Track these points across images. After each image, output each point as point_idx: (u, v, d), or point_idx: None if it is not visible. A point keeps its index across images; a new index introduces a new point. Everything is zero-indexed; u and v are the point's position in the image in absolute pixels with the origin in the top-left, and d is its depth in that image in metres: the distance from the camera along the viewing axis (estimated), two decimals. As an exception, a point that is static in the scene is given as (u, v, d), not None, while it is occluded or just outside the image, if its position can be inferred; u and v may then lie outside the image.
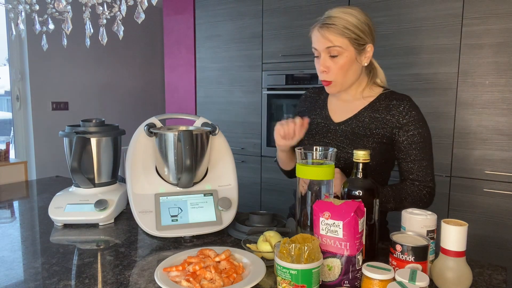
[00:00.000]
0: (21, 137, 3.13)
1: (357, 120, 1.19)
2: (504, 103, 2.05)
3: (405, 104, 1.15)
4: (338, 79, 1.16)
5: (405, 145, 1.14)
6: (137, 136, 1.20)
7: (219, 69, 3.14)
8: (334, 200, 0.81)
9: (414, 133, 1.13)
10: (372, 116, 1.18)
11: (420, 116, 1.15)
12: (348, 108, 1.23)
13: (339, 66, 1.14)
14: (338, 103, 1.27)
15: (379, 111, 1.18)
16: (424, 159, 1.14)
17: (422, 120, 1.15)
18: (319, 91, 1.36)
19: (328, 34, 1.11)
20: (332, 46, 1.12)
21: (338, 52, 1.12)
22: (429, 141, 1.16)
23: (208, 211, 1.13)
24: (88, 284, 0.83)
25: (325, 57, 1.14)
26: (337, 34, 1.11)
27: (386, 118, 1.16)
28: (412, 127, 1.13)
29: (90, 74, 3.49)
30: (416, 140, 1.13)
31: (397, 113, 1.15)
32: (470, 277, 0.78)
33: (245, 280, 0.81)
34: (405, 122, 1.14)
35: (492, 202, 2.10)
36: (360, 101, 1.22)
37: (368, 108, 1.20)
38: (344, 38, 1.11)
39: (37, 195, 1.59)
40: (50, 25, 1.21)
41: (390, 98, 1.19)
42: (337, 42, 1.11)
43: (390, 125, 1.15)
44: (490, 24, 2.04)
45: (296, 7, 2.69)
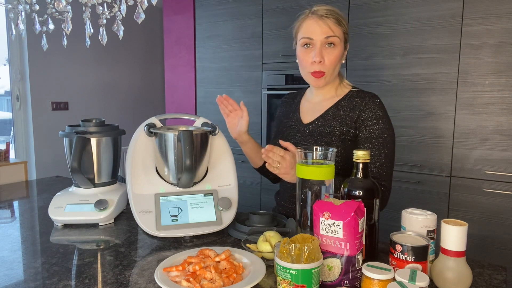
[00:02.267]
0: (21, 137, 3.13)
1: (323, 119, 1.22)
2: (504, 103, 2.05)
3: (367, 100, 1.17)
4: (329, 70, 1.18)
5: (363, 138, 1.15)
6: (137, 136, 1.20)
7: (219, 69, 3.14)
8: (334, 200, 0.81)
9: (374, 127, 1.14)
10: (337, 115, 1.21)
11: (382, 113, 1.16)
12: (316, 109, 1.27)
13: (334, 57, 1.16)
14: (309, 106, 1.31)
15: (343, 109, 1.21)
16: (381, 154, 1.13)
17: (384, 118, 1.16)
18: (294, 96, 1.40)
19: (330, 23, 1.14)
20: (332, 35, 1.14)
21: (336, 42, 1.15)
22: (390, 140, 1.14)
23: (208, 211, 1.13)
24: (88, 284, 0.83)
25: (321, 47, 1.15)
26: (336, 24, 1.15)
27: (349, 115, 1.19)
28: (372, 122, 1.15)
29: (90, 74, 3.49)
30: (375, 135, 1.14)
31: (359, 109, 1.17)
32: (470, 277, 0.78)
33: (245, 280, 0.81)
34: (366, 117, 1.16)
35: (492, 202, 2.10)
36: (327, 101, 1.25)
37: (334, 107, 1.23)
38: (341, 30, 1.16)
39: (37, 195, 1.59)
40: (50, 25, 1.20)
41: (355, 96, 1.22)
42: (337, 32, 1.15)
43: (352, 121, 1.18)
44: (490, 24, 2.04)
45: (296, 7, 2.69)
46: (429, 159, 2.27)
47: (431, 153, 2.27)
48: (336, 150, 0.93)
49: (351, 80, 2.48)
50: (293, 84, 2.73)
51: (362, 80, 2.45)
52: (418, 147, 2.30)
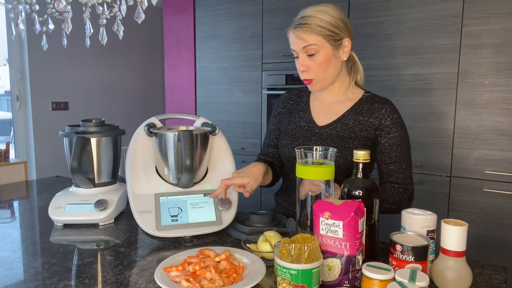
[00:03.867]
0: (21, 137, 3.12)
1: (341, 123, 1.21)
2: (504, 103, 2.05)
3: (387, 107, 1.18)
4: (318, 76, 1.17)
5: (386, 146, 1.16)
6: (137, 136, 1.20)
7: (219, 69, 3.14)
8: (334, 200, 0.81)
9: (395, 135, 1.16)
10: (356, 119, 1.19)
11: (401, 119, 1.19)
12: (331, 111, 1.24)
13: (318, 64, 1.15)
14: (321, 106, 1.27)
15: (362, 114, 1.20)
16: (404, 162, 1.16)
17: (402, 124, 1.19)
18: (299, 93, 1.36)
19: (303, 33, 1.13)
20: (308, 45, 1.13)
21: (314, 50, 1.13)
22: (408, 145, 1.18)
23: (208, 211, 1.13)
24: (88, 284, 0.83)
25: (303, 57, 1.15)
26: (311, 33, 1.12)
27: (369, 120, 1.18)
28: (394, 129, 1.16)
29: (90, 74, 3.49)
30: (397, 142, 1.16)
31: (380, 115, 1.17)
32: (470, 277, 0.78)
33: (245, 280, 0.81)
34: (387, 124, 1.16)
35: (492, 202, 2.10)
36: (342, 104, 1.23)
37: (352, 111, 1.21)
38: (319, 36, 1.13)
39: (37, 195, 1.59)
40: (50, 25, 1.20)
41: (372, 101, 1.21)
42: (312, 40, 1.13)
43: (373, 127, 1.18)
44: (490, 24, 2.04)
45: (296, 7, 2.69)
46: (429, 159, 2.27)
47: (431, 153, 2.27)
48: (336, 150, 0.93)
49: (351, 80, 2.48)
50: (293, 84, 2.73)
51: (362, 80, 2.44)
52: (418, 147, 2.30)
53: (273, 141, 1.38)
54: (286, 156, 1.27)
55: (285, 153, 1.27)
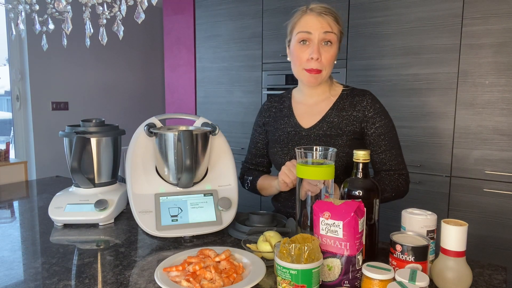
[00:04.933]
0: (21, 137, 3.12)
1: (326, 121, 1.21)
2: (504, 103, 2.05)
3: (367, 98, 1.20)
4: (326, 69, 1.17)
5: (374, 137, 1.18)
6: (137, 136, 1.20)
7: (219, 69, 3.14)
8: (334, 200, 0.81)
9: (381, 124, 1.18)
10: (340, 115, 1.20)
11: (383, 108, 1.20)
12: (315, 112, 1.24)
13: (331, 56, 1.15)
14: (304, 109, 1.27)
15: (345, 109, 1.21)
16: (393, 148, 1.19)
17: (385, 112, 1.21)
18: (280, 99, 1.35)
19: (329, 19, 1.13)
20: (330, 31, 1.13)
21: (333, 40, 1.14)
22: (394, 131, 1.21)
23: (208, 211, 1.13)
24: (88, 284, 0.83)
25: (319, 44, 1.14)
26: (334, 21, 1.15)
27: (353, 114, 1.20)
28: (378, 119, 1.18)
29: (90, 74, 3.49)
30: (384, 131, 1.18)
31: (362, 107, 1.19)
32: (470, 277, 0.78)
33: (245, 280, 0.81)
34: (371, 115, 1.18)
35: (492, 202, 2.10)
36: (324, 102, 1.24)
37: (334, 108, 1.22)
38: (338, 29, 1.16)
39: (37, 195, 1.59)
40: (50, 25, 1.20)
41: (352, 94, 1.22)
42: (335, 29, 1.14)
43: (357, 120, 1.19)
44: (490, 24, 2.04)
45: (296, 7, 2.68)
46: (429, 159, 2.27)
47: (431, 153, 2.27)
48: (336, 150, 0.93)
49: (351, 80, 2.48)
50: (293, 84, 2.72)
51: (362, 80, 2.45)
52: (418, 147, 2.30)
53: (261, 150, 1.39)
54: (278, 163, 1.28)
55: (277, 160, 1.28)
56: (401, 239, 0.80)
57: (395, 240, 0.79)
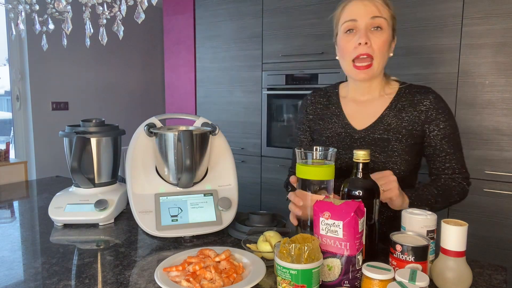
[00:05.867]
0: (21, 137, 3.12)
1: (383, 123, 1.10)
2: (504, 103, 2.05)
3: (430, 96, 1.08)
4: (378, 57, 1.04)
5: (437, 140, 1.08)
6: (137, 136, 1.20)
7: (219, 69, 3.14)
8: (334, 200, 0.81)
9: (445, 125, 1.07)
10: (399, 116, 1.09)
11: (447, 107, 1.09)
12: (369, 111, 1.12)
13: (382, 41, 1.03)
14: (355, 107, 1.15)
15: (404, 109, 1.09)
16: (458, 151, 1.09)
17: (449, 111, 1.09)
18: (325, 94, 1.22)
19: (377, 3, 1.03)
20: (379, 16, 1.02)
21: (382, 25, 1.03)
22: (457, 132, 1.10)
23: (208, 211, 1.13)
24: (88, 284, 0.83)
25: (366, 30, 1.03)
26: (384, 4, 1.04)
27: (413, 114, 1.09)
28: (443, 120, 1.07)
29: (90, 74, 3.49)
30: (448, 133, 1.07)
31: (425, 107, 1.08)
32: (470, 277, 0.78)
33: (245, 280, 0.81)
34: (435, 117, 1.07)
35: (492, 202, 2.10)
36: (378, 101, 1.12)
37: (392, 108, 1.10)
38: (389, 13, 1.04)
39: (37, 195, 1.59)
40: (50, 25, 1.21)
41: (412, 92, 1.11)
42: (384, 13, 1.03)
43: (419, 122, 1.08)
44: (490, 24, 2.04)
45: (296, 7, 2.69)
46: (429, 159, 2.27)
47: (431, 153, 2.26)
48: (336, 150, 0.92)
49: (351, 80, 2.47)
50: (293, 84, 2.73)
51: (362, 80, 2.44)
52: (418, 147, 2.30)
53: None
54: None
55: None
56: (401, 239, 0.80)
57: (395, 240, 0.79)
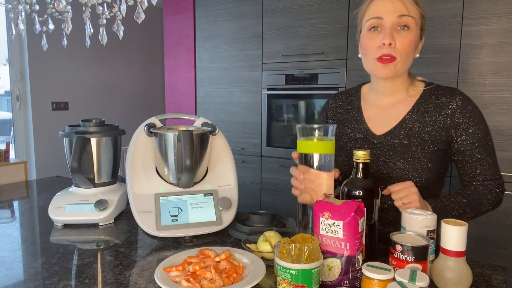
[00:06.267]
0: (21, 137, 3.13)
1: (404, 128, 1.03)
2: (504, 103, 2.05)
3: (457, 99, 1.01)
4: (402, 57, 0.98)
5: (466, 145, 1.00)
6: (137, 136, 1.20)
7: (219, 69, 3.14)
8: (334, 200, 0.81)
9: (474, 129, 0.99)
10: (421, 121, 1.02)
11: (476, 109, 1.01)
12: (389, 115, 1.06)
13: (408, 41, 0.97)
14: (375, 111, 1.09)
15: (428, 113, 1.02)
16: (489, 155, 1.01)
17: (479, 113, 1.01)
18: (347, 98, 1.17)
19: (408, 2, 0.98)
20: (406, 14, 0.97)
21: (410, 24, 0.97)
22: (489, 136, 1.02)
23: (208, 211, 1.13)
24: (88, 284, 0.83)
25: (392, 29, 0.97)
26: (413, 2, 0.98)
27: (438, 119, 1.01)
28: (471, 124, 0.99)
29: (90, 74, 3.49)
30: (478, 137, 0.99)
31: (450, 111, 1.00)
32: (470, 277, 0.78)
33: (245, 280, 0.81)
34: (462, 121, 0.99)
35: (492, 202, 2.10)
36: (401, 105, 1.06)
37: (414, 112, 1.04)
38: (418, 11, 0.99)
39: (37, 195, 1.59)
40: (50, 25, 1.21)
41: (437, 95, 1.04)
42: (412, 11, 0.98)
43: (443, 127, 1.01)
44: (490, 24, 2.04)
45: (296, 7, 2.69)
46: (429, 159, 2.27)
47: (431, 153, 2.26)
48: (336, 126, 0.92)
49: (351, 80, 2.48)
50: (293, 84, 2.73)
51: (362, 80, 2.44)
52: (418, 147, 2.29)
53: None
54: (343, 173, 1.09)
55: (342, 170, 1.09)
56: (401, 239, 0.80)
57: (395, 240, 0.79)
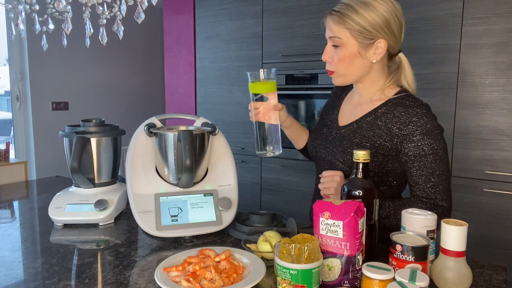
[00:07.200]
0: (21, 137, 3.12)
1: (357, 126, 1.10)
2: (504, 103, 2.05)
3: (411, 112, 1.02)
4: (339, 70, 1.07)
5: (410, 156, 1.01)
6: (137, 136, 1.20)
7: (219, 69, 3.14)
8: (334, 200, 0.81)
9: (421, 143, 1.00)
10: (373, 123, 1.07)
11: (431, 125, 1.00)
12: (354, 112, 1.14)
13: (339, 58, 1.04)
14: (348, 106, 1.19)
15: (381, 118, 1.06)
16: (434, 174, 0.99)
17: (434, 130, 1.00)
18: (345, 87, 1.26)
19: (332, 22, 1.03)
20: (331, 36, 1.04)
21: (339, 43, 1.03)
22: (441, 155, 1.00)
23: (208, 211, 1.13)
24: (88, 284, 0.83)
25: (328, 46, 1.07)
26: (339, 24, 1.02)
27: (387, 127, 1.04)
28: (418, 138, 1.00)
29: (90, 74, 3.49)
30: (424, 152, 1.00)
31: (400, 122, 1.03)
32: (470, 277, 0.78)
33: (245, 280, 0.81)
34: (408, 133, 1.01)
35: (492, 202, 2.10)
36: (366, 105, 1.11)
37: (372, 114, 1.08)
38: (346, 30, 1.01)
39: (37, 195, 1.59)
40: (50, 25, 1.21)
41: (398, 103, 1.06)
42: (337, 32, 1.02)
43: (390, 135, 1.04)
44: (490, 24, 2.04)
45: (296, 7, 2.69)
46: (429, 159, 2.27)
47: (431, 153, 2.26)
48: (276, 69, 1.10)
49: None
50: (293, 84, 2.72)
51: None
52: (418, 147, 2.29)
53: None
54: (313, 154, 1.23)
55: (312, 151, 1.23)
56: (401, 239, 0.80)
57: (395, 240, 0.79)
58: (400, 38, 1.07)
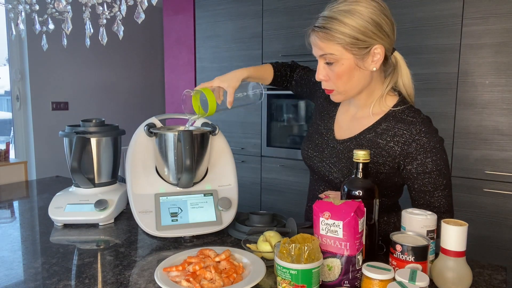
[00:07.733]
0: (21, 137, 3.12)
1: (357, 142, 1.04)
2: (504, 103, 2.05)
3: (412, 129, 0.97)
4: (339, 88, 1.00)
5: (413, 174, 0.98)
6: (137, 136, 1.20)
7: (219, 69, 3.14)
8: (334, 200, 0.81)
9: (424, 161, 0.96)
10: (374, 141, 1.02)
11: (432, 142, 0.96)
12: (352, 126, 1.08)
13: (337, 75, 0.97)
14: (345, 117, 1.12)
15: (382, 136, 1.01)
16: (437, 190, 0.97)
17: (434, 146, 0.96)
18: None
19: (319, 40, 0.95)
20: (322, 54, 0.96)
21: (333, 60, 0.95)
22: (444, 169, 0.98)
23: (208, 211, 1.13)
24: (88, 284, 0.83)
25: (321, 64, 0.99)
26: (328, 40, 0.94)
27: (388, 145, 1.00)
28: (421, 156, 0.96)
29: (90, 74, 3.49)
30: (426, 170, 0.97)
31: (402, 141, 0.98)
32: (470, 277, 0.78)
33: (245, 280, 0.81)
34: (411, 151, 0.97)
35: (492, 202, 2.10)
36: (365, 119, 1.06)
37: (371, 130, 1.03)
38: (337, 45, 0.93)
39: (37, 195, 1.59)
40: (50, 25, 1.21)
41: (398, 118, 1.00)
42: (329, 49, 0.94)
43: (392, 154, 0.99)
44: (490, 24, 2.04)
45: (296, 7, 2.69)
46: (429, 159, 2.27)
47: (431, 153, 2.26)
48: None
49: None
50: (293, 84, 2.72)
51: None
52: (418, 147, 2.29)
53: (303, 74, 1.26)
54: (307, 163, 1.18)
55: (306, 159, 1.18)
56: (401, 239, 0.80)
57: (395, 240, 0.79)
58: (394, 37, 1.00)
